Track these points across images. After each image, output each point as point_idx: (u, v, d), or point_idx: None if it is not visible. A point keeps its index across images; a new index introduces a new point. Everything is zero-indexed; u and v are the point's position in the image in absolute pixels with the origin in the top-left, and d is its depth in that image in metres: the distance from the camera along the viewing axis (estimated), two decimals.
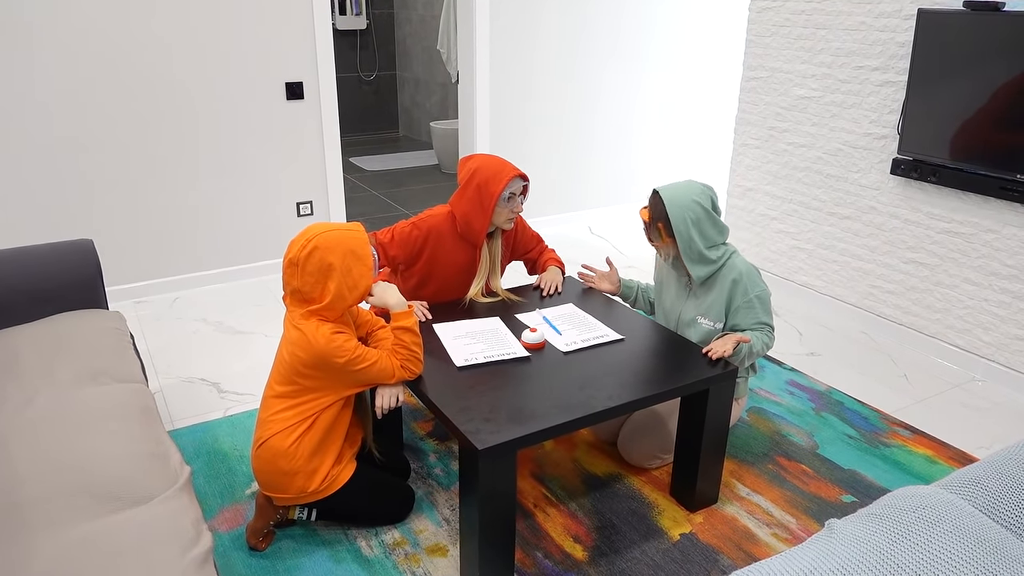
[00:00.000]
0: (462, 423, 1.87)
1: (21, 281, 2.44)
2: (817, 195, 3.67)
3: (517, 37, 4.54)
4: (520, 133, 4.76)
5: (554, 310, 2.52)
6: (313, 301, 1.94)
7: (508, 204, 2.48)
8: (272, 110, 3.90)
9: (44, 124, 3.42)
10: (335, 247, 1.91)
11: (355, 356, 1.94)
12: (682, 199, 2.30)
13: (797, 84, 3.66)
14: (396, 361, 2.03)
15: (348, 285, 1.94)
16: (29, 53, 3.31)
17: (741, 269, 2.35)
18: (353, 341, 1.96)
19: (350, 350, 1.93)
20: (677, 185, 2.35)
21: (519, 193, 2.51)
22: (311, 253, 1.89)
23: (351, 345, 1.94)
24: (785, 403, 2.93)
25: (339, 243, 1.92)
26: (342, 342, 1.92)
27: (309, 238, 1.91)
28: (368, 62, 8.08)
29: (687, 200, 2.30)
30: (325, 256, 1.90)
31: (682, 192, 2.32)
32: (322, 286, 1.92)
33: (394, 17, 8.08)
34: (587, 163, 5.10)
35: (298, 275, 1.91)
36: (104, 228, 3.69)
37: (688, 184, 2.35)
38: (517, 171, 2.48)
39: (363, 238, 1.97)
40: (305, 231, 1.93)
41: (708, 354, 2.21)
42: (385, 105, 8.38)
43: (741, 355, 2.27)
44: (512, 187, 2.47)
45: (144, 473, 1.69)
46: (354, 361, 1.94)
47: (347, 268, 1.92)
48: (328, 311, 1.95)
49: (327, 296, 1.92)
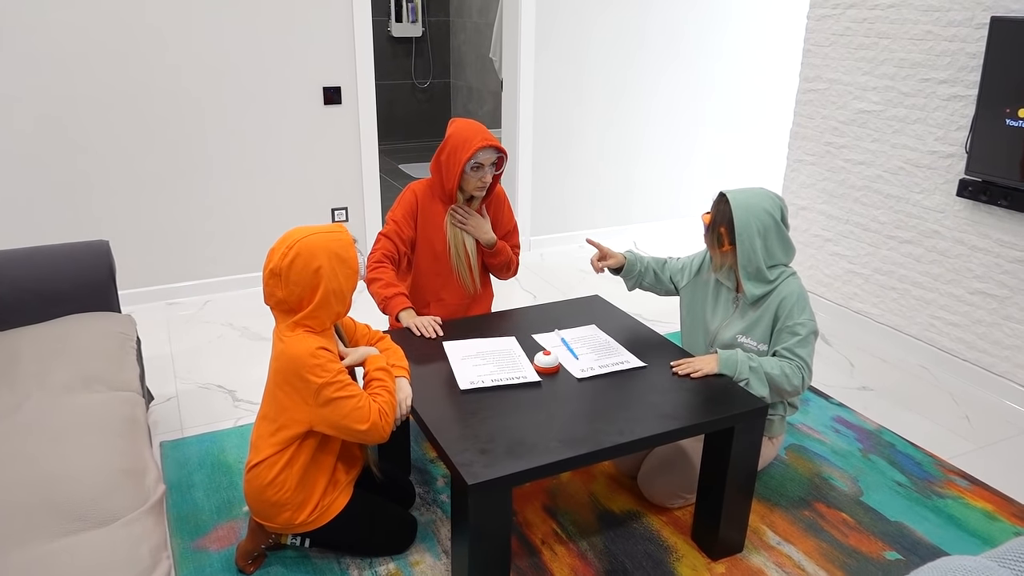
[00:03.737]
0: (455, 453, 1.73)
1: (33, 281, 2.41)
2: (876, 216, 3.41)
3: (564, 45, 4.39)
4: (564, 142, 4.61)
5: (575, 331, 2.36)
6: (299, 310, 1.82)
7: (475, 173, 2.42)
8: (309, 115, 3.85)
9: (84, 126, 3.43)
10: (319, 251, 1.78)
11: (334, 381, 1.78)
12: (752, 206, 2.12)
13: (857, 97, 3.41)
14: (375, 406, 1.84)
15: (334, 291, 1.80)
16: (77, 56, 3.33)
17: (794, 290, 2.16)
18: (338, 364, 1.81)
19: (331, 372, 1.78)
20: (748, 191, 2.17)
21: (490, 163, 2.43)
22: (294, 260, 1.77)
23: (334, 367, 1.79)
24: (829, 442, 2.69)
25: (322, 247, 1.79)
26: (325, 361, 1.78)
27: (290, 245, 1.78)
28: (423, 69, 8.06)
29: (758, 208, 2.12)
30: (309, 262, 1.77)
31: (753, 199, 2.13)
32: (310, 294, 1.79)
33: (450, 25, 8.05)
34: (634, 176, 4.92)
35: (281, 285, 1.79)
36: (141, 229, 3.69)
37: (761, 192, 2.16)
38: (488, 141, 2.38)
39: (346, 239, 1.84)
40: (284, 238, 1.81)
41: (674, 368, 2.09)
42: (439, 112, 8.34)
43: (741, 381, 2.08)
44: (480, 157, 2.39)
45: (113, 492, 1.60)
46: (332, 386, 1.77)
47: (333, 273, 1.79)
48: (313, 321, 1.81)
49: (312, 304, 1.79)
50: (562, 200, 4.73)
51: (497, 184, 2.57)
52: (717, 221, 2.17)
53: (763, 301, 2.19)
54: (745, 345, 2.21)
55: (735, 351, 2.13)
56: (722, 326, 2.27)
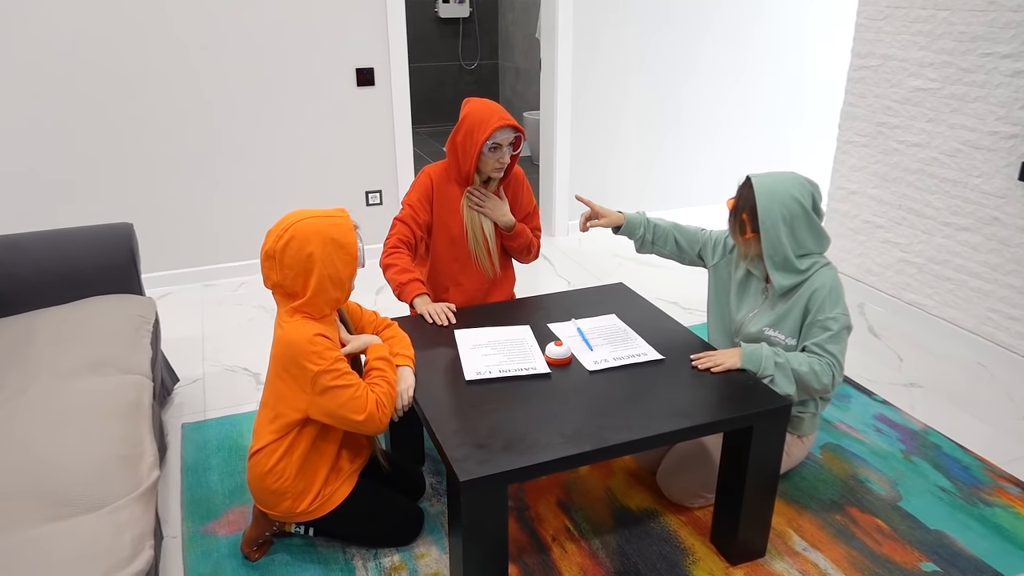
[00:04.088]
0: (451, 447, 1.66)
1: (57, 263, 2.44)
2: (931, 202, 3.19)
3: (603, 21, 4.25)
4: (604, 123, 4.47)
5: (592, 321, 2.26)
6: (296, 296, 1.78)
7: (493, 154, 2.34)
8: (342, 96, 3.82)
9: (123, 109, 3.47)
10: (313, 236, 1.72)
11: (331, 368, 1.73)
12: (778, 191, 1.98)
13: (912, 74, 3.18)
14: (373, 396, 1.79)
15: (331, 277, 1.75)
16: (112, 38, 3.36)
17: (827, 282, 2.01)
18: (336, 352, 1.76)
19: (328, 360, 1.73)
20: (776, 175, 2.03)
21: (508, 144, 2.35)
22: (288, 244, 1.72)
23: (331, 355, 1.74)
24: (869, 442, 2.53)
25: (318, 231, 1.73)
26: (322, 348, 1.73)
27: (286, 227, 1.73)
28: (470, 50, 7.97)
29: (783, 193, 1.97)
30: (303, 246, 1.72)
31: (780, 183, 1.99)
32: (303, 279, 1.74)
33: (498, 5, 7.93)
34: (675, 158, 4.75)
35: (276, 268, 1.74)
36: (177, 210, 3.73)
37: (789, 176, 2.02)
38: (505, 120, 2.30)
39: (346, 224, 1.78)
40: (282, 219, 1.76)
41: (693, 361, 1.99)
42: (486, 94, 8.24)
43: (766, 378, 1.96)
44: (498, 137, 2.31)
45: (105, 477, 1.59)
46: (329, 374, 1.72)
47: (328, 258, 1.73)
48: (311, 307, 1.77)
49: (308, 290, 1.74)
50: (603, 183, 4.61)
51: (515, 165, 2.48)
52: (740, 207, 2.04)
53: (793, 292, 2.05)
54: (773, 339, 2.08)
55: (760, 345, 2.00)
56: (748, 317, 2.14)
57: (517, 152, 2.42)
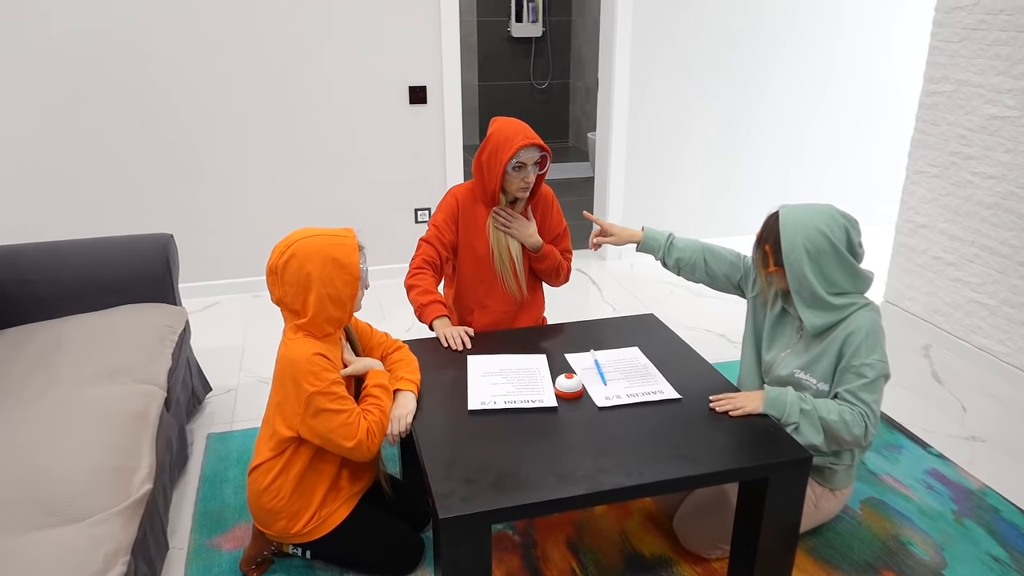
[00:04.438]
0: (437, 481, 1.60)
1: (96, 270, 2.51)
2: (1007, 239, 2.94)
3: (664, 39, 4.14)
4: (661, 145, 4.35)
5: (612, 353, 2.16)
6: (298, 314, 1.76)
7: (518, 173, 2.29)
8: (394, 114, 3.85)
9: (179, 122, 3.60)
10: (314, 255, 1.71)
11: (327, 391, 1.70)
12: (803, 223, 1.84)
13: (989, 101, 2.95)
14: (364, 423, 1.75)
15: (331, 297, 1.73)
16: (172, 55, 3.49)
17: (865, 325, 1.85)
18: (333, 375, 1.73)
19: (324, 381, 1.70)
20: (807, 207, 1.89)
21: (533, 163, 2.29)
22: (288, 261, 1.72)
23: (328, 377, 1.71)
24: (918, 499, 2.33)
25: (319, 250, 1.72)
26: (320, 369, 1.71)
27: (288, 244, 1.73)
28: (542, 70, 7.96)
29: (809, 226, 1.84)
30: (303, 264, 1.71)
31: (808, 216, 1.86)
32: (303, 297, 1.73)
33: (571, 24, 7.90)
34: (736, 183, 4.56)
35: (278, 284, 1.74)
36: (229, 221, 3.82)
37: (821, 209, 1.88)
38: (530, 139, 2.24)
39: (349, 244, 1.75)
40: (289, 235, 1.76)
41: (712, 403, 1.87)
42: (554, 113, 8.21)
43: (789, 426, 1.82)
44: (522, 156, 2.26)
45: (94, 488, 1.60)
46: (323, 396, 1.70)
47: (328, 278, 1.71)
48: (312, 326, 1.75)
49: (308, 309, 1.73)
50: (659, 207, 4.47)
51: (541, 184, 2.42)
52: (763, 237, 1.91)
53: (828, 334, 1.90)
54: (803, 382, 1.94)
55: (785, 389, 1.86)
56: (780, 358, 2.00)
57: (543, 172, 2.36)
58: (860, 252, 1.87)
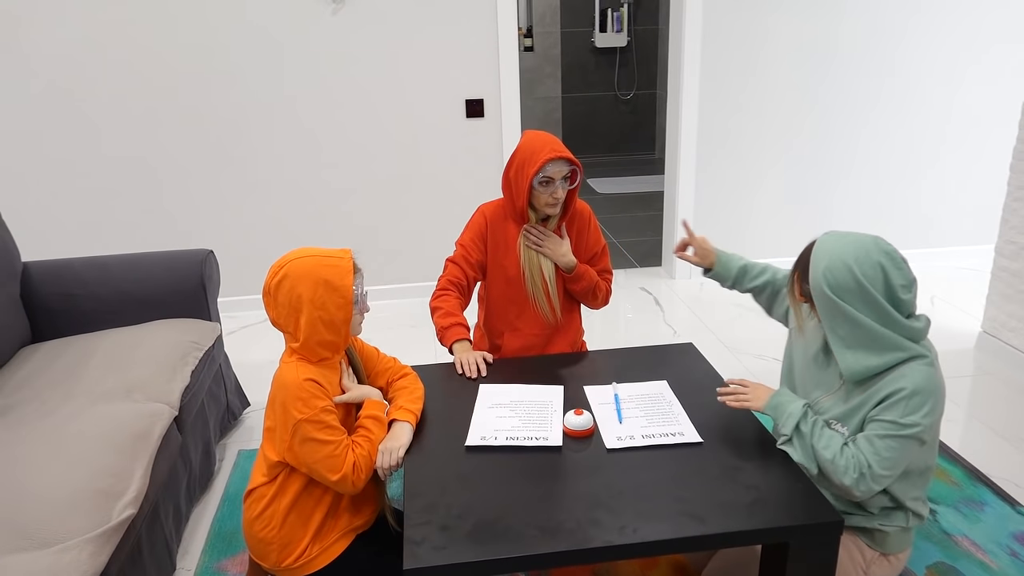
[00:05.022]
0: (413, 526, 1.48)
1: (134, 285, 2.55)
2: None
3: (736, 46, 3.89)
4: (733, 157, 4.08)
5: (637, 387, 1.98)
6: (293, 338, 1.69)
7: (545, 188, 2.15)
8: (451, 127, 3.78)
9: (233, 137, 3.66)
10: (305, 276, 1.63)
11: (315, 419, 1.61)
12: (831, 253, 1.60)
13: None
14: (351, 457, 1.66)
15: (323, 320, 1.65)
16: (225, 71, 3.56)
17: (914, 381, 1.57)
18: (324, 402, 1.64)
19: (314, 409, 1.62)
20: (848, 236, 1.63)
21: (561, 177, 2.14)
22: (281, 282, 1.65)
23: (318, 404, 1.63)
24: (997, 567, 2.01)
25: (311, 272, 1.64)
26: (309, 396, 1.62)
27: (282, 264, 1.66)
28: (627, 80, 7.76)
29: (835, 258, 1.59)
30: (295, 286, 1.63)
31: (840, 246, 1.60)
32: (294, 319, 1.66)
33: (658, 34, 7.66)
34: (816, 200, 4.22)
35: (272, 306, 1.68)
36: (278, 236, 3.86)
37: (861, 240, 1.60)
38: (557, 152, 2.10)
39: (343, 266, 1.67)
40: (284, 256, 1.69)
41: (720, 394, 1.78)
42: (640, 124, 7.99)
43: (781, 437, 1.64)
44: (549, 170, 2.11)
45: (71, 512, 1.57)
46: (311, 424, 1.61)
47: (319, 301, 1.63)
48: (306, 350, 1.68)
49: (301, 333, 1.66)
50: (733, 223, 4.20)
51: (575, 200, 2.27)
52: (796, 264, 1.70)
53: (871, 383, 1.64)
54: (831, 424, 1.70)
55: (795, 399, 1.71)
56: (819, 402, 1.76)
57: (575, 187, 2.21)
58: (903, 298, 1.59)
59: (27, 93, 3.45)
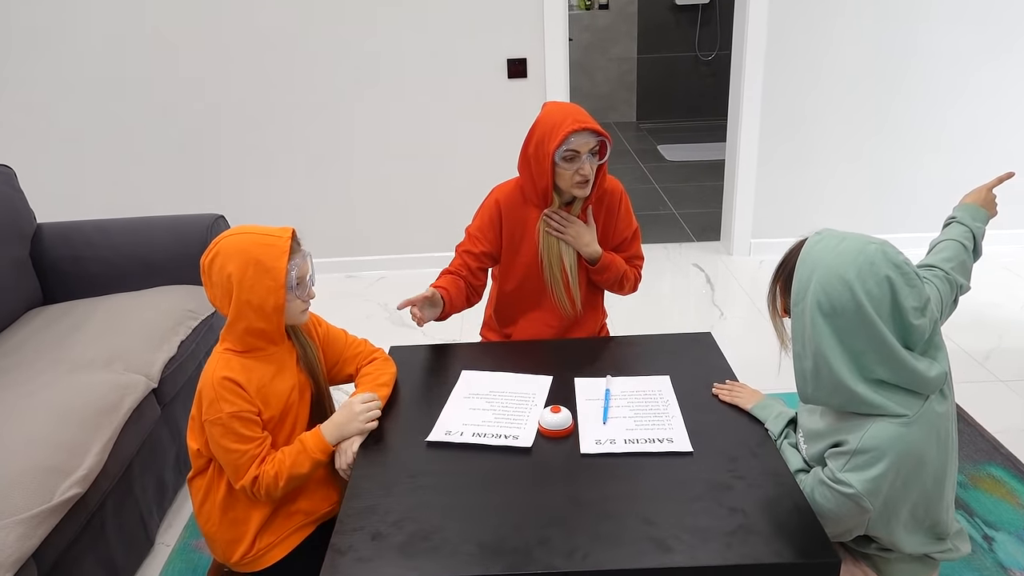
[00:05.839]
0: (342, 532, 1.34)
1: (141, 249, 2.51)
2: None
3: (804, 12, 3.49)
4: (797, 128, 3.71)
5: (634, 382, 1.76)
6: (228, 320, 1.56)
7: (570, 164, 1.89)
8: (492, 88, 3.58)
9: (269, 103, 3.58)
10: (236, 254, 1.48)
11: (222, 423, 1.48)
12: (825, 264, 1.26)
13: None
14: (254, 472, 1.51)
15: (251, 305, 1.50)
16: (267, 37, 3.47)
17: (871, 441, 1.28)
18: (237, 406, 1.49)
19: (221, 413, 1.48)
20: (847, 240, 1.28)
21: (588, 151, 1.88)
22: (213, 260, 1.51)
23: (227, 409, 1.48)
24: None
25: (243, 250, 1.48)
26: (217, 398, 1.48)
27: (216, 241, 1.52)
28: (708, 40, 7.29)
29: (831, 271, 1.25)
30: (225, 264, 1.48)
31: (839, 255, 1.26)
32: (226, 301, 1.52)
33: None
34: (883, 174, 3.78)
35: (208, 285, 1.54)
36: (323, 201, 3.77)
37: (864, 247, 1.25)
38: (581, 123, 1.84)
39: (278, 246, 1.50)
40: (223, 233, 1.55)
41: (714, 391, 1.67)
42: (723, 89, 7.48)
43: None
44: (573, 143, 1.85)
45: (13, 489, 1.51)
46: (218, 428, 1.48)
47: (248, 283, 1.48)
48: (233, 336, 1.54)
49: (230, 315, 1.52)
50: (794, 198, 3.84)
51: (604, 178, 2.01)
52: (777, 271, 1.44)
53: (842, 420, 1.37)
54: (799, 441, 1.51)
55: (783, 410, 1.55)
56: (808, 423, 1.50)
57: (603, 161, 1.96)
58: (915, 323, 1.25)
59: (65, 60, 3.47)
